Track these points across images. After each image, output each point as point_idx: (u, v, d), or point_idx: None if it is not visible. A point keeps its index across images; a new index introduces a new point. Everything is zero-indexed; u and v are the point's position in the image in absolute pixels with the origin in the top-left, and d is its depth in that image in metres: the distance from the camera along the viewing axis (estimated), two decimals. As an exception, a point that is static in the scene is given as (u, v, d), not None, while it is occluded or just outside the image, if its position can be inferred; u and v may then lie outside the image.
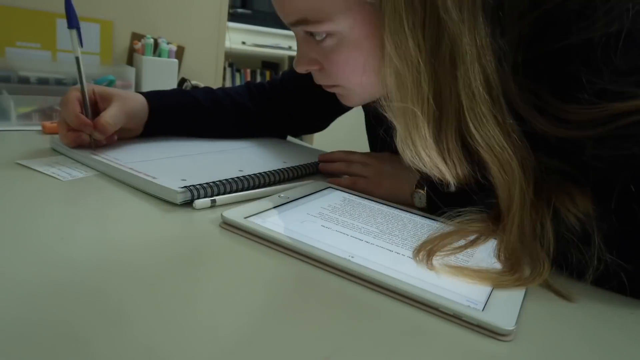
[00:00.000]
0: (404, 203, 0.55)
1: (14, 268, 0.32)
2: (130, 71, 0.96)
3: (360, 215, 0.49)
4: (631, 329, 0.36)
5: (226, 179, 0.53)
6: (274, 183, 0.59)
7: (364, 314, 0.33)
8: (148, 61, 0.99)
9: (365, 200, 0.55)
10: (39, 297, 0.29)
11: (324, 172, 0.66)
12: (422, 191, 0.53)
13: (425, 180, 0.52)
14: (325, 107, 0.79)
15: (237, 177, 0.54)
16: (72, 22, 0.55)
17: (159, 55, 1.01)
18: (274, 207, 0.48)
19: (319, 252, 0.39)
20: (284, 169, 0.61)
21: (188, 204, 0.48)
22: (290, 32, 0.51)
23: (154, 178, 0.50)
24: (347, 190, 0.58)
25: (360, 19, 0.45)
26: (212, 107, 0.72)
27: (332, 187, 0.59)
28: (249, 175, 0.56)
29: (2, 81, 0.78)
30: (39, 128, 0.70)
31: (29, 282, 0.30)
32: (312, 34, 0.49)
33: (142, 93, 0.67)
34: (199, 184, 0.49)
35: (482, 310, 0.34)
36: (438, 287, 0.36)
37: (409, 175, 0.55)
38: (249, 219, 0.44)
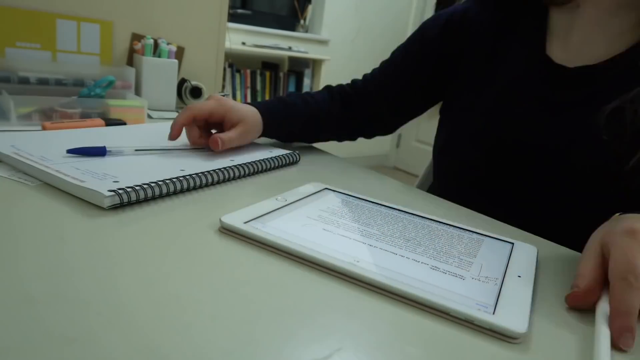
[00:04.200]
0: None
1: None
2: (130, 72, 0.96)
3: (360, 217, 0.49)
4: None
5: (162, 180, 0.49)
6: (219, 182, 0.56)
7: (371, 318, 0.33)
8: (148, 61, 0.99)
9: (363, 201, 0.55)
10: (38, 298, 0.29)
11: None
12: None
13: None
14: (404, 107, 0.81)
15: (176, 178, 0.50)
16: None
17: (159, 56, 1.01)
18: (273, 211, 0.48)
19: (323, 257, 0.39)
20: (230, 167, 0.58)
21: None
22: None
23: (81, 181, 0.46)
24: (344, 191, 0.58)
25: None
26: (308, 118, 0.76)
27: (329, 189, 0.58)
28: (189, 176, 0.52)
29: (2, 81, 0.78)
30: (39, 128, 0.70)
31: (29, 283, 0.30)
32: None
33: (256, 107, 0.70)
34: (130, 187, 0.45)
35: (493, 313, 0.34)
36: (445, 290, 0.36)
37: None
38: (248, 223, 0.43)
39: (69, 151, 0.55)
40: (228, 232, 0.43)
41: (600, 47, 0.58)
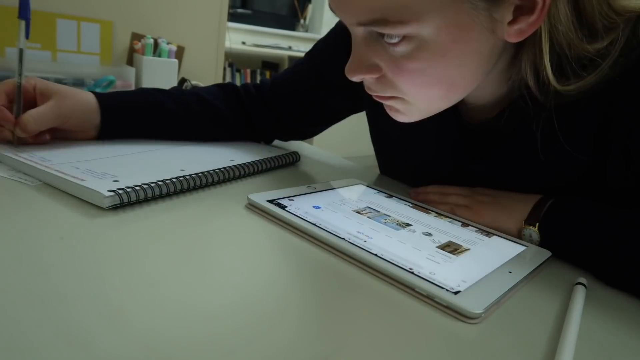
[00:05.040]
0: (508, 235, 0.51)
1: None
2: (130, 71, 0.96)
3: (378, 210, 0.52)
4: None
5: (162, 180, 0.48)
6: (219, 182, 0.56)
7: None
8: (148, 61, 0.99)
9: (391, 197, 0.58)
10: (41, 297, 0.29)
11: (417, 200, 0.59)
12: (533, 228, 0.49)
13: (543, 213, 0.49)
14: (317, 115, 0.75)
15: (175, 178, 0.50)
16: (23, 12, 0.53)
17: (159, 56, 1.01)
18: (298, 195, 0.52)
19: (326, 235, 0.42)
20: (230, 167, 0.57)
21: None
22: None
23: (81, 180, 0.45)
24: (379, 188, 0.60)
25: (453, 19, 0.40)
26: (175, 108, 0.66)
27: (362, 185, 0.62)
28: (189, 176, 0.51)
29: (2, 81, 0.77)
30: (39, 128, 0.70)
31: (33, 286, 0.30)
32: (381, 35, 0.42)
33: (95, 93, 0.61)
34: (130, 187, 0.45)
35: (456, 293, 0.36)
36: (441, 274, 0.38)
37: (513, 210, 0.52)
38: (270, 202, 0.48)
39: None
40: (253, 207, 0.48)
41: (491, 101, 0.55)
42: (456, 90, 0.47)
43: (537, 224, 0.49)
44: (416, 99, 0.47)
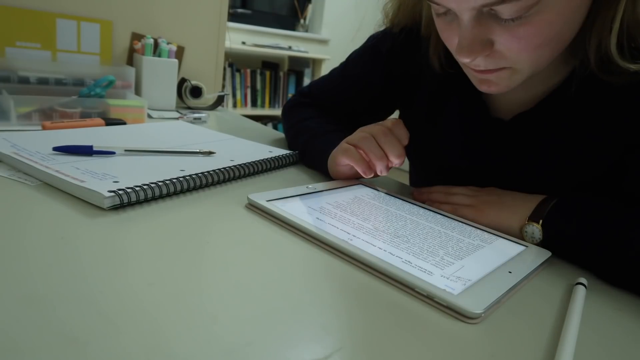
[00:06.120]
0: (510, 234, 0.51)
1: None
2: (130, 71, 0.96)
3: (363, 212, 0.50)
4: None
5: (162, 181, 0.48)
6: (219, 182, 0.56)
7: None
8: (148, 61, 0.99)
9: (389, 197, 0.58)
10: (39, 298, 0.29)
11: (419, 200, 0.60)
12: (536, 224, 0.49)
13: (547, 210, 0.49)
14: (354, 122, 0.77)
15: (175, 178, 0.50)
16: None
17: (159, 55, 1.01)
18: (298, 195, 0.52)
19: (321, 233, 0.43)
20: (230, 167, 0.58)
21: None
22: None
23: (81, 182, 0.46)
24: (379, 188, 0.61)
25: None
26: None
27: (363, 185, 0.62)
28: (189, 176, 0.52)
29: (2, 81, 0.77)
30: (39, 128, 0.70)
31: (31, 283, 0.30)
32: (495, 11, 0.42)
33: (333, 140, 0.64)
34: (130, 187, 0.45)
35: (456, 294, 0.36)
36: (432, 274, 0.38)
37: (518, 208, 0.52)
38: (271, 202, 0.48)
39: (55, 149, 0.55)
40: (253, 207, 0.49)
41: (529, 92, 0.57)
42: (560, 47, 0.48)
43: (541, 221, 0.49)
44: (526, 64, 0.47)
